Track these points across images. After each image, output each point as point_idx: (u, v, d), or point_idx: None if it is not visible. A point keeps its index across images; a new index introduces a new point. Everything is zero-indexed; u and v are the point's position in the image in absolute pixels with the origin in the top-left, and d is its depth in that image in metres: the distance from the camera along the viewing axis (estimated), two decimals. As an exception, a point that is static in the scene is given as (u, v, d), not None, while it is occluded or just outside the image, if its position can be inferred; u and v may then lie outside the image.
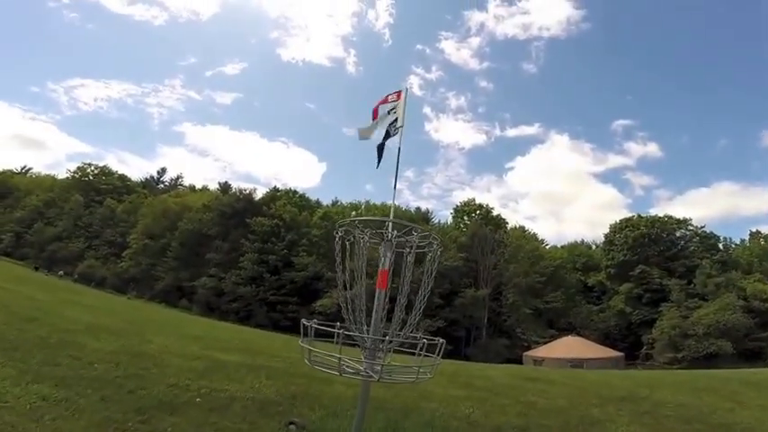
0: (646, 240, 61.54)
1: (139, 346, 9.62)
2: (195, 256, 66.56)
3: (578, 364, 44.78)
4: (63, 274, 56.83)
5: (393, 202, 5.67)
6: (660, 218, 64.30)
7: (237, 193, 74.59)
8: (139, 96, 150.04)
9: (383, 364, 3.62)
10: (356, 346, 4.05)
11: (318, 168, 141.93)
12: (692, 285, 55.14)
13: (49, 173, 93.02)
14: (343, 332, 3.33)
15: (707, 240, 61.33)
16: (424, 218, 73.23)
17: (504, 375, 14.45)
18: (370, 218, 4.34)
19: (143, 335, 11.96)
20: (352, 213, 75.07)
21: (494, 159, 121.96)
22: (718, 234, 63.56)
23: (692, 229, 63.11)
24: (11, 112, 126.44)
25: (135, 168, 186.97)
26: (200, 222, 68.39)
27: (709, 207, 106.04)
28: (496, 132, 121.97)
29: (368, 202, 79.78)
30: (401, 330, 4.09)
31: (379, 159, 7.43)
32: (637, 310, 56.84)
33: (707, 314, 48.02)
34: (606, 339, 54.30)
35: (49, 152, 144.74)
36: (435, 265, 4.14)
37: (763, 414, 9.07)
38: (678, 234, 63.33)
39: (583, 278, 65.94)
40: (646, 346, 52.30)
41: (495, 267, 62.17)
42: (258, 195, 75.51)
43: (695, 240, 62.15)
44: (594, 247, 75.43)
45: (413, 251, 4.28)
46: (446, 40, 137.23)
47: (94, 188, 75.40)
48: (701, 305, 50.87)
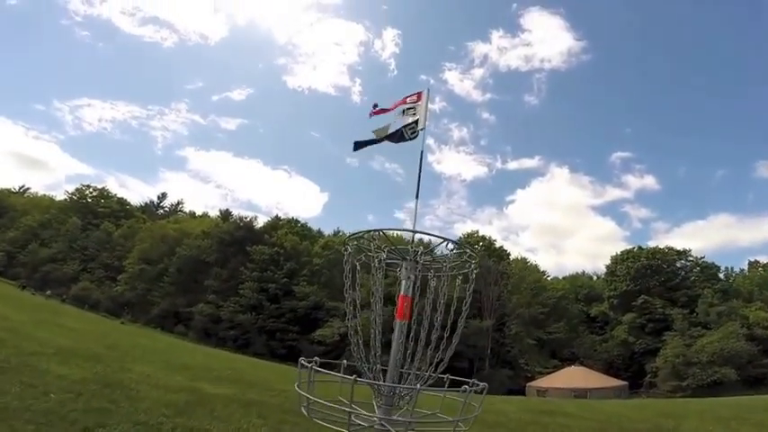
0: (647, 271, 61.91)
1: (114, 375, 8.80)
2: (193, 283, 65.81)
3: (582, 393, 44.07)
4: (50, 293, 55.65)
5: (416, 206, 5.35)
6: (661, 249, 64.91)
7: (238, 221, 74.51)
8: (144, 119, 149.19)
9: (408, 419, 2.92)
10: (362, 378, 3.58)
11: (320, 198, 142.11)
12: (694, 314, 55.22)
13: (47, 193, 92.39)
14: (354, 380, 2.59)
15: (707, 270, 61.78)
16: (426, 250, 72.82)
17: (518, 410, 13.94)
18: (390, 228, 3.76)
19: (123, 362, 11.05)
20: (355, 243, 74.68)
21: (495, 192, 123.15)
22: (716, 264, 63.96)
23: (692, 259, 63.76)
24: (14, 129, 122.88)
25: (135, 192, 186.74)
26: (198, 249, 67.99)
27: (707, 239, 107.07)
28: (498, 165, 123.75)
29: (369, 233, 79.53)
30: (427, 369, 3.35)
31: (361, 146, 7.27)
32: (640, 339, 56.45)
33: (710, 342, 47.80)
34: (610, 369, 53.66)
35: (50, 173, 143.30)
36: (471, 289, 3.63)
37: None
38: (679, 264, 63.81)
39: (585, 309, 65.80)
40: (650, 375, 51.67)
41: (499, 298, 62.06)
42: (259, 224, 75.55)
43: (696, 270, 62.63)
44: (596, 278, 75.54)
45: (446, 272, 3.73)
46: (450, 71, 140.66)
47: (92, 211, 75.01)
48: (704, 333, 50.64)
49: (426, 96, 6.74)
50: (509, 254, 73.41)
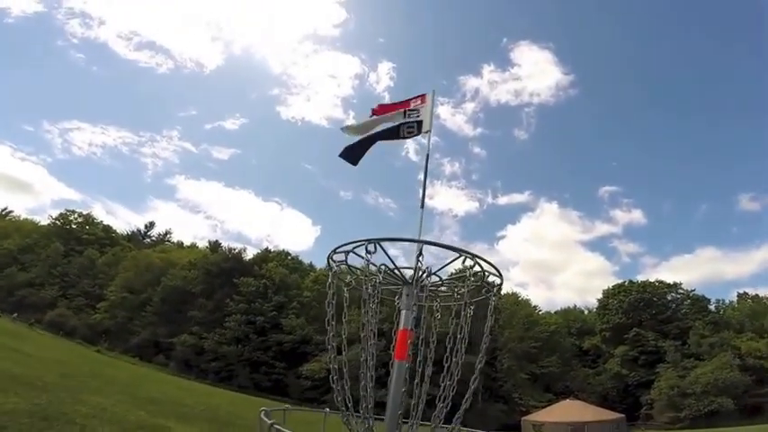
0: (639, 304, 62.41)
1: (60, 407, 7.83)
2: (176, 313, 63.94)
3: (579, 427, 42.73)
4: (17, 317, 53.37)
5: (421, 216, 5.12)
6: (652, 282, 65.73)
7: (227, 252, 73.40)
8: (135, 145, 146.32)
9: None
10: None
11: (312, 231, 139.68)
12: (686, 346, 55.27)
13: (30, 217, 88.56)
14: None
15: (698, 303, 62.19)
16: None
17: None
18: (388, 238, 3.21)
19: (77, 393, 9.95)
20: (348, 278, 73.72)
21: (486, 227, 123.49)
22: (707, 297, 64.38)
23: (682, 292, 64.28)
24: (1, 150, 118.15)
25: (122, 220, 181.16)
26: (184, 279, 66.54)
27: (693, 272, 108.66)
28: (488, 200, 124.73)
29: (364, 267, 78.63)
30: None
31: (354, 155, 6.88)
32: (633, 371, 56.23)
33: (704, 373, 47.62)
34: (604, 402, 52.53)
35: (35, 196, 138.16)
36: (492, 321, 3.02)
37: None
38: (669, 297, 64.38)
39: (578, 342, 65.25)
40: (645, 407, 51.16)
41: (490, 333, 60.88)
42: (248, 256, 74.47)
43: (686, 303, 63.00)
44: (587, 312, 75.24)
45: (459, 300, 2.96)
46: (442, 105, 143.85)
47: (76, 237, 73.36)
48: (697, 365, 50.54)
49: (432, 99, 6.60)
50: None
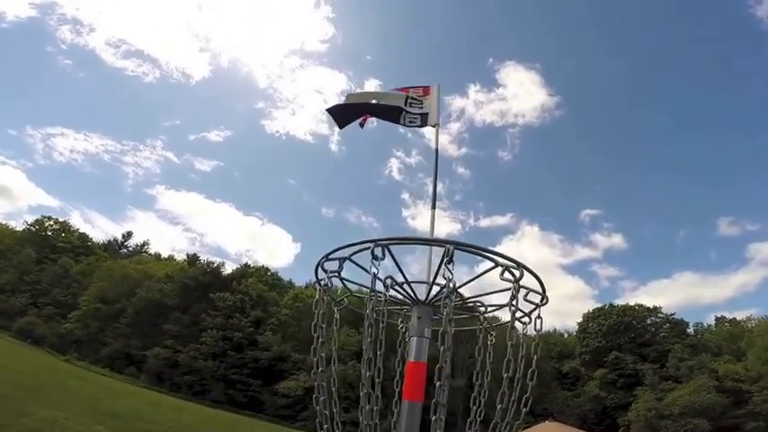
0: (619, 328, 62.37)
1: (5, 419, 7.39)
2: (151, 326, 62.45)
3: (557, 449, 42.16)
4: None
5: (432, 216, 4.22)
6: (632, 306, 65.86)
7: (205, 266, 72.36)
8: (117, 154, 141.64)
9: None
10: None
11: (292, 248, 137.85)
12: (664, 369, 55.13)
13: (6, 222, 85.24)
14: None
15: (677, 326, 62.39)
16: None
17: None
18: (397, 239, 2.72)
19: (27, 404, 9.31)
20: (340, 296, 72.96)
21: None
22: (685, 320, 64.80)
23: (662, 316, 64.40)
24: None
25: (99, 229, 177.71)
26: (160, 292, 65.32)
27: (672, 296, 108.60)
28: (471, 222, 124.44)
29: (344, 286, 77.89)
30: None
31: (342, 117, 6.10)
32: (612, 394, 55.95)
33: (681, 395, 47.48)
34: (583, 424, 51.90)
35: (12, 201, 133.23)
36: (538, 353, 2.75)
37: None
38: (649, 321, 64.41)
39: (557, 365, 64.70)
40: (622, 428, 50.65)
41: (471, 357, 60.49)
42: (227, 270, 73.42)
43: (666, 327, 63.16)
44: (567, 335, 75.01)
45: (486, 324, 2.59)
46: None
47: (50, 245, 71.74)
48: (675, 387, 50.42)
49: (438, 92, 6.15)
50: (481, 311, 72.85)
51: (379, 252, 2.75)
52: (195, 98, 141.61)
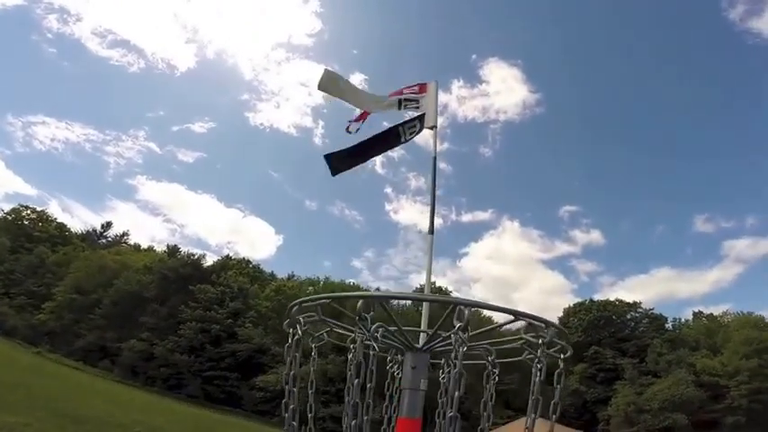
0: (599, 323, 63.23)
1: None
2: (127, 318, 61.15)
3: (538, 443, 42.25)
4: None
5: (431, 243, 4.02)
6: (611, 302, 66.75)
7: (185, 258, 71.15)
8: (99, 143, 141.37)
9: None
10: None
11: (275, 240, 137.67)
12: (643, 363, 55.92)
13: None
14: None
15: (656, 321, 63.30)
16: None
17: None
18: (394, 296, 2.42)
19: None
20: (309, 289, 72.67)
21: (449, 243, 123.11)
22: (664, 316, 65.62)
23: (641, 311, 65.28)
24: None
25: (78, 219, 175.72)
26: (138, 283, 64.00)
27: (648, 291, 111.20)
28: (452, 217, 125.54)
29: (327, 278, 77.46)
30: None
31: (340, 164, 5.40)
32: (591, 388, 56.35)
33: (661, 390, 48.09)
34: (562, 418, 51.46)
35: None
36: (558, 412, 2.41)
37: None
38: (629, 316, 65.23)
39: (537, 359, 64.72)
40: (602, 423, 50.89)
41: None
42: (208, 262, 72.31)
43: (645, 322, 64.00)
44: (547, 329, 75.31)
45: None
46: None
47: (27, 234, 69.86)
48: (654, 382, 51.07)
49: (435, 89, 5.61)
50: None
51: (365, 307, 2.22)
52: (180, 89, 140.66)
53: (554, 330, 2.31)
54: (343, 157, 5.34)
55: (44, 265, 64.88)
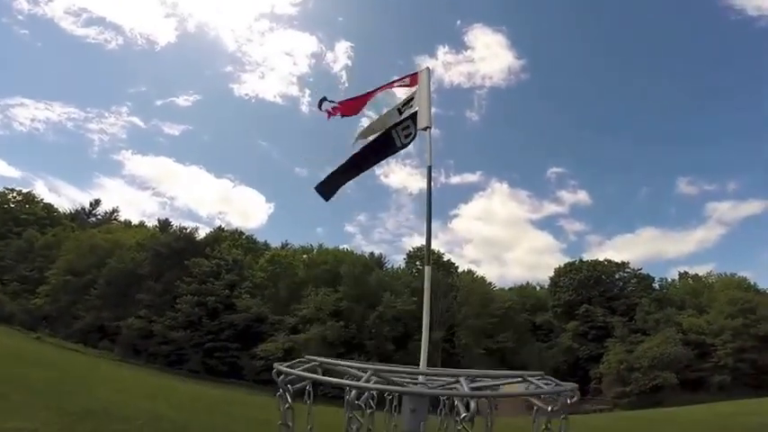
0: (589, 282, 64.98)
1: None
2: (123, 297, 60.99)
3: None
4: None
5: (427, 273, 3.93)
6: (601, 262, 68.58)
7: (177, 232, 70.47)
8: (81, 121, 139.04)
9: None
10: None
11: (266, 209, 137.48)
12: (633, 322, 57.96)
13: None
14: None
15: (644, 281, 65.25)
16: (377, 263, 72.33)
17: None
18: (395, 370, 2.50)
19: None
20: (304, 257, 72.93)
21: (440, 206, 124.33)
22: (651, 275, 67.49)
23: (629, 271, 67.21)
24: None
25: (66, 198, 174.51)
26: (132, 261, 63.49)
27: (635, 250, 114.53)
28: (442, 179, 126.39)
29: (320, 245, 77.65)
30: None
31: (330, 188, 4.84)
32: (583, 346, 58.65)
33: (650, 348, 49.93)
34: (556, 375, 52.35)
35: None
36: None
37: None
38: (617, 276, 67.09)
39: (531, 318, 66.87)
40: (594, 381, 53.25)
41: (448, 310, 62.01)
42: (200, 235, 71.83)
43: (633, 281, 65.99)
44: (540, 289, 77.56)
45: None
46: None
47: (13, 217, 68.25)
48: (643, 340, 52.99)
49: (427, 79, 4.83)
50: (457, 267, 74.09)
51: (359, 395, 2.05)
52: (161, 64, 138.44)
53: (568, 394, 2.22)
54: (334, 180, 4.83)
55: (34, 249, 63.81)
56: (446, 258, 74.95)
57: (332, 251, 73.70)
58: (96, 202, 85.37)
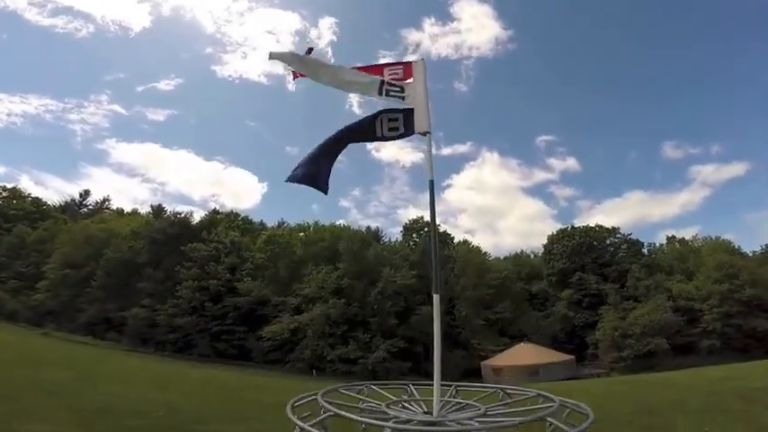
0: (581, 249, 66.58)
1: None
2: (124, 287, 60.88)
3: (534, 370, 46.80)
4: None
5: (436, 302, 3.92)
6: (592, 228, 70.03)
7: (172, 217, 69.64)
8: (60, 112, 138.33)
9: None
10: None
11: (259, 188, 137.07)
12: (625, 289, 60.03)
13: None
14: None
15: (633, 246, 67.37)
16: (375, 237, 72.77)
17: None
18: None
19: (8, 421, 7.55)
20: (301, 235, 73.07)
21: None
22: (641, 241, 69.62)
23: (620, 236, 69.12)
24: None
25: (54, 191, 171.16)
26: (129, 250, 62.90)
27: (624, 214, 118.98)
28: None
29: (316, 222, 77.74)
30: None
31: (322, 180, 4.48)
32: (578, 313, 60.79)
33: (642, 315, 51.92)
34: (554, 343, 57.11)
35: None
36: None
37: None
38: (608, 242, 69.02)
39: (527, 287, 68.78)
40: (591, 347, 55.78)
41: (447, 282, 63.07)
42: (195, 219, 71.22)
43: (624, 247, 68.03)
44: (534, 257, 79.52)
45: None
46: (384, 58, 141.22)
47: (2, 214, 66.42)
48: (635, 306, 55.07)
49: (423, 72, 4.41)
50: (453, 238, 75.15)
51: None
52: (138, 50, 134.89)
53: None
54: (316, 168, 4.38)
55: (26, 245, 62.53)
56: (442, 230, 75.93)
57: (329, 227, 73.85)
58: (86, 193, 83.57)
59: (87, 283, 59.84)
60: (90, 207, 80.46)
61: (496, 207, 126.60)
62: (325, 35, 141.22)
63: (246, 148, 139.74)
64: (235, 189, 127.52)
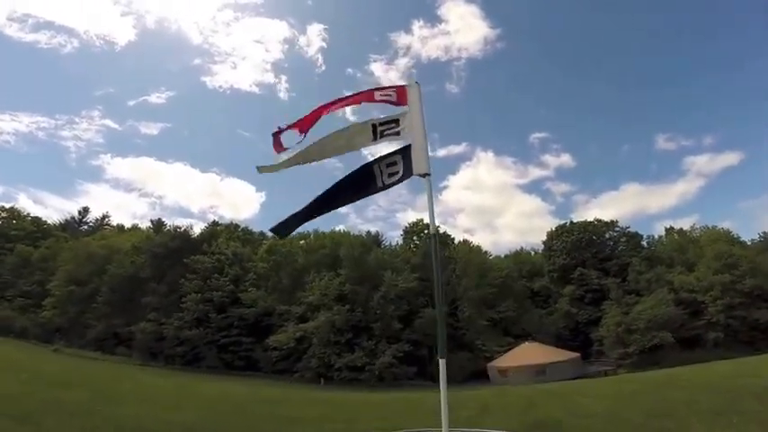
0: (581, 244, 66.40)
1: None
2: (129, 302, 61.09)
3: (541, 370, 46.64)
4: None
5: (442, 367, 3.72)
6: (591, 222, 69.82)
7: (172, 231, 69.82)
8: (52, 129, 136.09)
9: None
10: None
11: (257, 198, 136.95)
12: (626, 283, 59.60)
13: None
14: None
15: (633, 239, 67.17)
16: (375, 241, 72.92)
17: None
18: None
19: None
20: (302, 243, 73.30)
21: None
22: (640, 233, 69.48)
23: (618, 230, 69.01)
24: None
25: (53, 209, 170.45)
26: (132, 265, 63.13)
27: (621, 207, 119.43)
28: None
29: (316, 230, 77.95)
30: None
31: (288, 229, 4.20)
32: (581, 310, 60.52)
33: (644, 309, 51.66)
34: (558, 341, 56.91)
35: None
36: None
37: None
38: (608, 236, 68.79)
39: (528, 284, 68.62)
40: (596, 344, 55.54)
41: (449, 283, 63.08)
42: (196, 231, 71.38)
43: (623, 240, 67.83)
44: (534, 253, 79.49)
45: None
46: (375, 62, 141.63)
47: (2, 234, 66.74)
48: (637, 300, 54.72)
49: (418, 98, 3.99)
50: (453, 238, 75.26)
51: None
52: (125, 63, 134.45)
53: None
54: (294, 221, 4.19)
55: (30, 263, 62.75)
56: (441, 231, 76.10)
57: (329, 234, 73.97)
58: (85, 210, 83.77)
59: (93, 299, 60.11)
60: (90, 224, 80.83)
61: (494, 205, 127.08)
62: (314, 42, 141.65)
63: (242, 157, 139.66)
64: (233, 200, 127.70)
